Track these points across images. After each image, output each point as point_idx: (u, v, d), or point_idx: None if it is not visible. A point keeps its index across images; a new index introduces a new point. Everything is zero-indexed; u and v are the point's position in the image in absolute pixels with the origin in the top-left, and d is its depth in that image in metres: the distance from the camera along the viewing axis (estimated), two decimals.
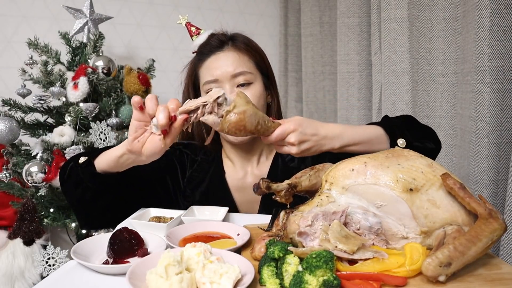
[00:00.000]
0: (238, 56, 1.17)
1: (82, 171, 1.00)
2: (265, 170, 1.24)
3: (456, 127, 1.44)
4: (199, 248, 0.64)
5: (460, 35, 1.40)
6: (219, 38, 1.19)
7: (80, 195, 1.04)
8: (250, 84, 1.16)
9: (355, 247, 0.66)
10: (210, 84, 1.15)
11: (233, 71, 1.14)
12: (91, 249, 0.79)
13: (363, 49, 1.86)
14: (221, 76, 1.14)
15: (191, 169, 1.25)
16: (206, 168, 1.24)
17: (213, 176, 1.22)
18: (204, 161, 1.25)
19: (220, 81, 1.14)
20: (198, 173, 1.24)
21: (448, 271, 0.61)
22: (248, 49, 1.20)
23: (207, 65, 1.18)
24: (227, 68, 1.14)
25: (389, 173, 0.72)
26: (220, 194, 1.14)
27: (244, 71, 1.15)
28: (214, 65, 1.16)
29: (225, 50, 1.17)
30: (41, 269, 1.58)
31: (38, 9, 2.09)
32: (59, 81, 1.66)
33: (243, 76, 1.15)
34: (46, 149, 1.62)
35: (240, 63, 1.16)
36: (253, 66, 1.19)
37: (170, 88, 2.40)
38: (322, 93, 2.27)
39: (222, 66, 1.14)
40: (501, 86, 1.18)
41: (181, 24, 1.25)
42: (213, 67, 1.16)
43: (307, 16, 2.29)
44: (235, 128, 0.80)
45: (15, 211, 1.68)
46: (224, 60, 1.16)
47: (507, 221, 1.04)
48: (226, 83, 1.14)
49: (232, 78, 1.14)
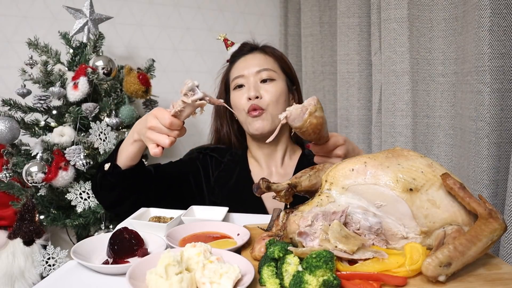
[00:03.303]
0: (265, 57, 1.32)
1: (111, 176, 1.06)
2: (290, 170, 1.31)
3: (456, 127, 1.44)
4: (199, 248, 0.64)
5: (460, 35, 1.40)
6: (250, 46, 1.37)
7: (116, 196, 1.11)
8: (272, 80, 1.28)
9: (355, 247, 0.66)
10: (238, 79, 1.29)
11: (258, 68, 1.27)
12: (91, 249, 0.79)
13: (363, 49, 1.85)
14: (248, 72, 1.27)
15: (218, 170, 1.33)
16: (232, 168, 1.33)
17: (239, 175, 1.31)
18: (231, 162, 1.35)
19: (246, 76, 1.28)
20: (225, 173, 1.32)
21: (448, 271, 0.61)
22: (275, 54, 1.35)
23: (236, 66, 1.33)
24: (253, 66, 1.28)
25: (389, 173, 0.72)
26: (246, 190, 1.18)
27: (268, 68, 1.28)
28: (242, 64, 1.31)
29: (254, 53, 1.34)
30: (41, 269, 1.58)
31: (38, 9, 2.09)
32: (59, 81, 1.66)
33: (267, 72, 1.27)
34: (46, 149, 1.62)
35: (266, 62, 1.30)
36: (277, 67, 1.32)
37: (170, 88, 2.40)
38: (322, 93, 2.27)
39: (249, 65, 1.29)
40: (501, 86, 1.18)
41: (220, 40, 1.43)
42: (241, 66, 1.31)
43: (307, 16, 2.29)
44: (312, 129, 0.84)
45: (15, 211, 1.68)
46: (251, 60, 1.31)
47: (507, 221, 1.04)
48: (250, 78, 1.27)
49: (257, 74, 1.27)
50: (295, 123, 0.84)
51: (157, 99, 2.03)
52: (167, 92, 2.37)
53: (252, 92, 1.23)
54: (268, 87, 1.26)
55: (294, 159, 1.35)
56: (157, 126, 0.91)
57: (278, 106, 1.26)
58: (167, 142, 0.90)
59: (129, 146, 1.03)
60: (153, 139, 0.91)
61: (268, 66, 1.28)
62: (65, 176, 1.60)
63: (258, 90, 1.25)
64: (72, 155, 1.61)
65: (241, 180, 1.30)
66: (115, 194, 1.10)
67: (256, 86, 1.26)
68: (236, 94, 1.29)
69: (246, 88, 1.27)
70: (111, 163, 1.06)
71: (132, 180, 1.09)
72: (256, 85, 1.26)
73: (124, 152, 1.05)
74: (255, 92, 1.24)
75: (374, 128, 1.74)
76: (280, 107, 1.26)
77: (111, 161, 1.07)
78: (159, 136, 0.91)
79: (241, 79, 1.28)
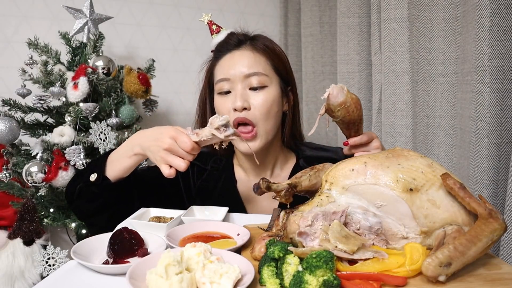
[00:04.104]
0: (254, 56, 1.11)
1: (97, 187, 1.01)
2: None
3: (456, 127, 1.44)
4: (199, 248, 0.64)
5: (460, 35, 1.40)
6: (238, 37, 1.15)
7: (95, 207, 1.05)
8: (264, 88, 1.10)
9: (355, 247, 0.66)
10: (222, 83, 1.11)
11: (247, 71, 1.08)
12: (91, 249, 0.79)
13: (363, 49, 1.86)
14: (234, 75, 1.09)
15: (200, 179, 1.20)
16: (216, 177, 1.20)
17: (224, 186, 1.18)
18: (214, 170, 1.21)
19: (232, 80, 1.09)
20: (208, 183, 1.19)
21: (448, 271, 0.61)
22: (267, 51, 1.13)
23: (221, 63, 1.13)
24: (240, 67, 1.09)
25: (389, 173, 0.72)
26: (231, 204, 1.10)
27: (258, 72, 1.09)
28: (228, 63, 1.11)
29: (242, 49, 1.12)
30: (41, 269, 1.58)
31: (38, 9, 2.09)
32: (59, 81, 1.66)
33: (257, 77, 1.08)
34: (46, 149, 1.62)
35: (255, 64, 1.10)
36: (269, 68, 1.12)
37: (170, 88, 2.41)
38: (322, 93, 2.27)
39: (236, 65, 1.09)
40: (501, 86, 1.18)
41: (203, 22, 1.22)
42: (227, 66, 1.11)
43: (307, 16, 2.29)
44: (355, 104, 0.85)
45: (15, 211, 1.68)
46: (238, 59, 1.10)
47: (507, 221, 1.04)
48: (238, 84, 1.09)
49: (245, 78, 1.08)
50: (338, 99, 0.84)
51: (157, 99, 2.03)
52: (167, 92, 2.37)
53: (239, 102, 1.06)
54: (258, 96, 1.08)
55: (286, 170, 1.21)
56: (174, 149, 0.87)
57: (270, 118, 1.10)
58: (183, 166, 0.87)
59: (126, 159, 0.99)
60: (169, 161, 0.88)
61: (259, 69, 1.09)
62: (65, 176, 1.60)
63: (247, 99, 1.08)
64: (72, 155, 1.61)
65: (225, 191, 1.18)
66: (94, 205, 1.05)
67: (244, 94, 1.08)
68: (220, 101, 1.12)
69: (232, 95, 1.09)
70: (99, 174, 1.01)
71: (117, 192, 1.03)
72: (243, 94, 1.08)
73: (118, 164, 1.00)
74: (242, 102, 1.06)
75: (374, 128, 1.74)
76: (272, 118, 1.10)
77: (97, 171, 1.01)
78: (175, 159, 0.87)
79: (226, 83, 1.10)
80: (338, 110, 0.85)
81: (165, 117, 2.41)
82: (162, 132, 0.90)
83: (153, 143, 0.90)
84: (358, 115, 0.89)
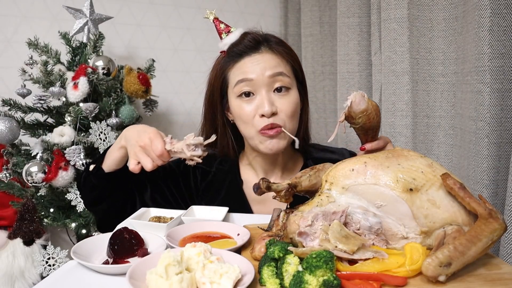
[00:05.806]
0: (276, 57, 1.08)
1: (94, 177, 1.08)
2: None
3: (456, 127, 1.44)
4: (199, 248, 0.64)
5: (460, 35, 1.40)
6: (254, 38, 1.09)
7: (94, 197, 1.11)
8: (288, 90, 1.07)
9: (355, 247, 0.66)
10: (243, 84, 1.05)
11: (271, 72, 1.04)
12: (91, 249, 0.79)
13: (363, 49, 1.86)
14: (257, 78, 1.04)
15: (204, 182, 1.19)
16: (222, 179, 1.18)
17: (230, 187, 1.17)
18: (220, 171, 1.19)
19: (256, 83, 1.05)
20: (213, 185, 1.18)
21: (448, 271, 0.61)
22: (286, 52, 1.11)
23: (240, 66, 1.07)
24: (264, 69, 1.04)
25: (389, 173, 0.72)
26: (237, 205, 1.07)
27: (283, 72, 1.06)
28: (249, 66, 1.06)
29: (262, 51, 1.07)
30: (41, 269, 1.58)
31: (38, 9, 2.09)
32: (59, 81, 1.66)
33: (282, 78, 1.05)
34: (46, 149, 1.62)
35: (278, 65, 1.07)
36: (289, 70, 1.10)
37: (170, 88, 2.41)
38: (322, 93, 2.27)
39: (259, 68, 1.05)
40: (501, 86, 1.18)
41: (208, 19, 1.15)
42: (248, 69, 1.06)
43: (307, 16, 2.29)
44: (375, 111, 0.85)
45: (15, 211, 1.68)
46: (261, 62, 1.06)
47: (507, 221, 1.04)
48: (262, 87, 1.04)
49: (270, 80, 1.04)
50: (361, 106, 0.84)
51: (157, 99, 2.03)
52: (167, 92, 2.37)
53: (267, 107, 1.02)
54: (284, 99, 1.05)
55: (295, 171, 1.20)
56: (148, 149, 0.93)
57: (294, 120, 1.09)
58: (149, 167, 0.93)
59: (115, 151, 1.04)
60: (139, 158, 0.94)
61: (282, 69, 1.06)
62: (65, 176, 1.60)
63: (274, 103, 1.04)
64: (72, 155, 1.61)
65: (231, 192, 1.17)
66: (93, 195, 1.11)
67: (271, 98, 1.04)
68: (242, 104, 1.07)
69: (259, 100, 1.05)
70: (96, 165, 1.08)
71: (112, 183, 1.08)
72: (270, 98, 1.04)
73: (110, 156, 1.06)
74: (270, 107, 1.02)
75: None
76: (296, 120, 1.09)
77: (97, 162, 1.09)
78: (144, 158, 0.94)
79: (248, 85, 1.05)
80: (359, 117, 0.85)
81: (165, 117, 2.41)
82: (146, 131, 0.97)
83: (134, 138, 0.96)
84: (377, 122, 0.88)
